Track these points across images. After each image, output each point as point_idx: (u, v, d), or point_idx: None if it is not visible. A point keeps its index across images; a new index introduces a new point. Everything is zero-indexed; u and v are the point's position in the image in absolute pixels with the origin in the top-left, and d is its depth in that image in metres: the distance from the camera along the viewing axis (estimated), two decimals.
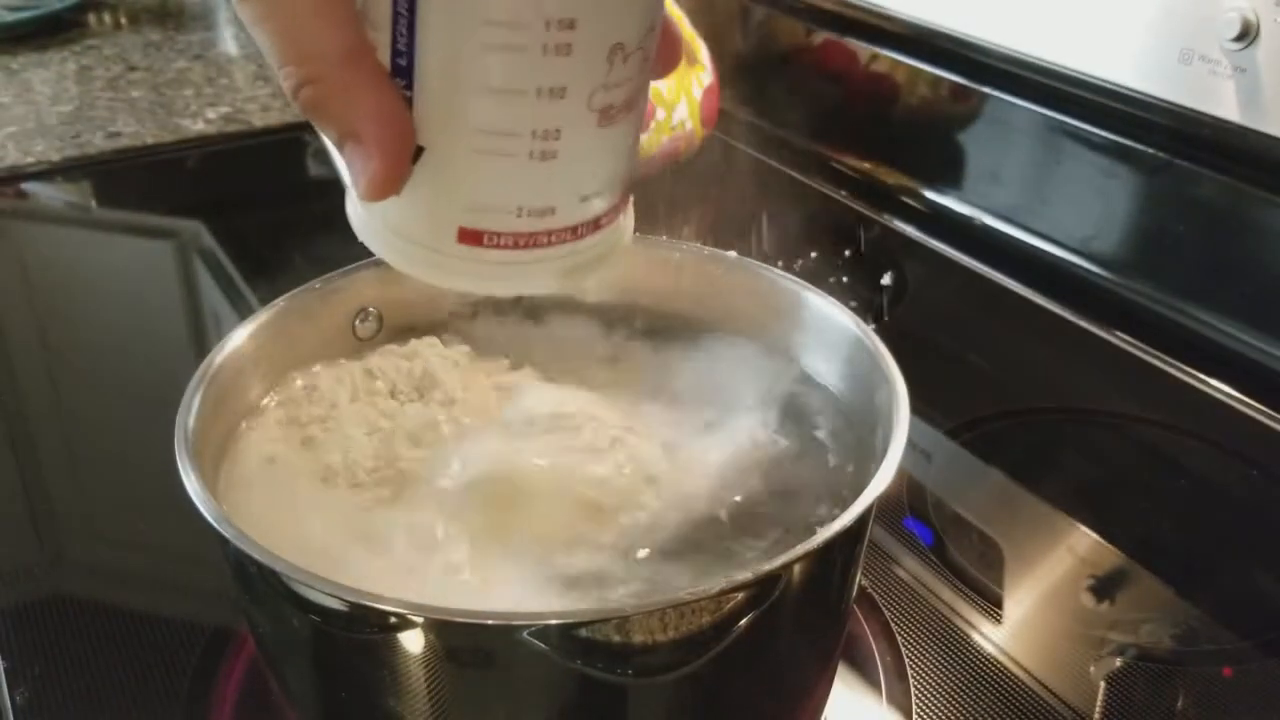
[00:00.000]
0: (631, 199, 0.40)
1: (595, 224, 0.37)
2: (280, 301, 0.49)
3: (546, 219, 0.36)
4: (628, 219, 0.40)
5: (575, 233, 0.37)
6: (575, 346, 0.53)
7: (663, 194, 0.90)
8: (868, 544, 0.43)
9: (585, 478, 0.44)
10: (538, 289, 0.39)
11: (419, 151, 0.35)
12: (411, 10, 0.32)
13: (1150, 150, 0.75)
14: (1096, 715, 0.49)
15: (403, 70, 0.34)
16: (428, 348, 0.51)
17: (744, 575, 0.35)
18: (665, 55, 0.37)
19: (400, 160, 0.34)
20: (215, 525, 0.36)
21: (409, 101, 0.34)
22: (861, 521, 0.39)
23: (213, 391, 0.43)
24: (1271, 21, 0.64)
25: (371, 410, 0.47)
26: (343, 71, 0.33)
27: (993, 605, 0.55)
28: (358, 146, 0.34)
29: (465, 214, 0.36)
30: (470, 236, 0.36)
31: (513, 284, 0.38)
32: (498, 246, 0.36)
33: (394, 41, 0.33)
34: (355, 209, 0.38)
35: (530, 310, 0.55)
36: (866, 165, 0.98)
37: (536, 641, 0.34)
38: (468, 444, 0.46)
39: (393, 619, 0.35)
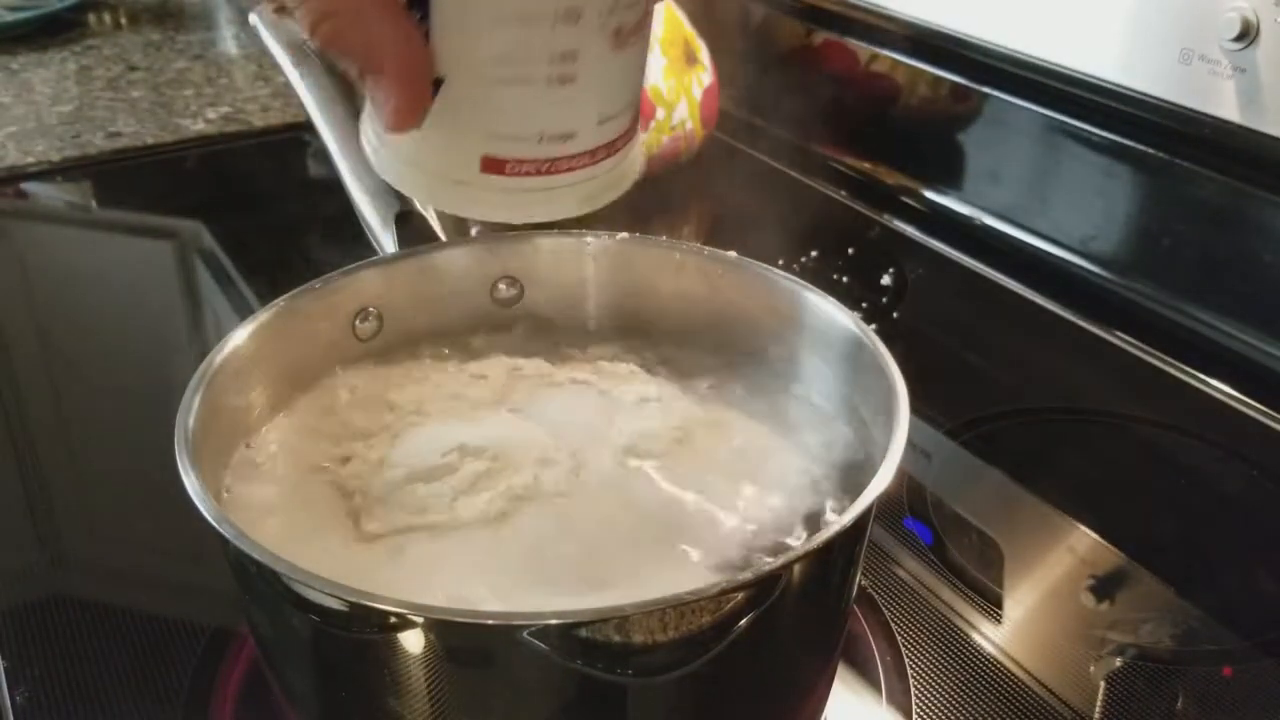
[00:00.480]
0: (640, 127, 0.40)
1: (611, 147, 0.38)
2: (280, 301, 0.49)
3: (567, 143, 0.37)
4: (638, 146, 0.41)
5: (594, 156, 0.37)
6: (574, 346, 0.54)
7: (663, 194, 0.90)
8: (868, 544, 0.43)
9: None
10: (559, 214, 0.39)
11: (438, 83, 0.35)
12: None
13: (1150, 150, 0.75)
14: (1096, 715, 0.49)
15: (418, 1, 0.34)
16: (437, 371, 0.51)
17: (744, 575, 0.35)
18: None
19: (420, 91, 0.35)
20: (215, 525, 0.36)
21: (426, 33, 0.34)
22: (861, 521, 0.39)
23: (213, 391, 0.43)
24: (1271, 21, 0.64)
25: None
26: (358, 3, 0.33)
27: (993, 605, 0.55)
28: (378, 78, 0.34)
29: (488, 143, 0.36)
30: (493, 165, 0.36)
31: (535, 210, 0.38)
32: (520, 174, 0.37)
33: None
34: (374, 146, 0.38)
35: (534, 318, 0.55)
36: (866, 165, 0.98)
37: (536, 641, 0.34)
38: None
39: (393, 619, 0.35)
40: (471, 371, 0.52)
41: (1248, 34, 0.65)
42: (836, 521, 0.37)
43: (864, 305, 0.79)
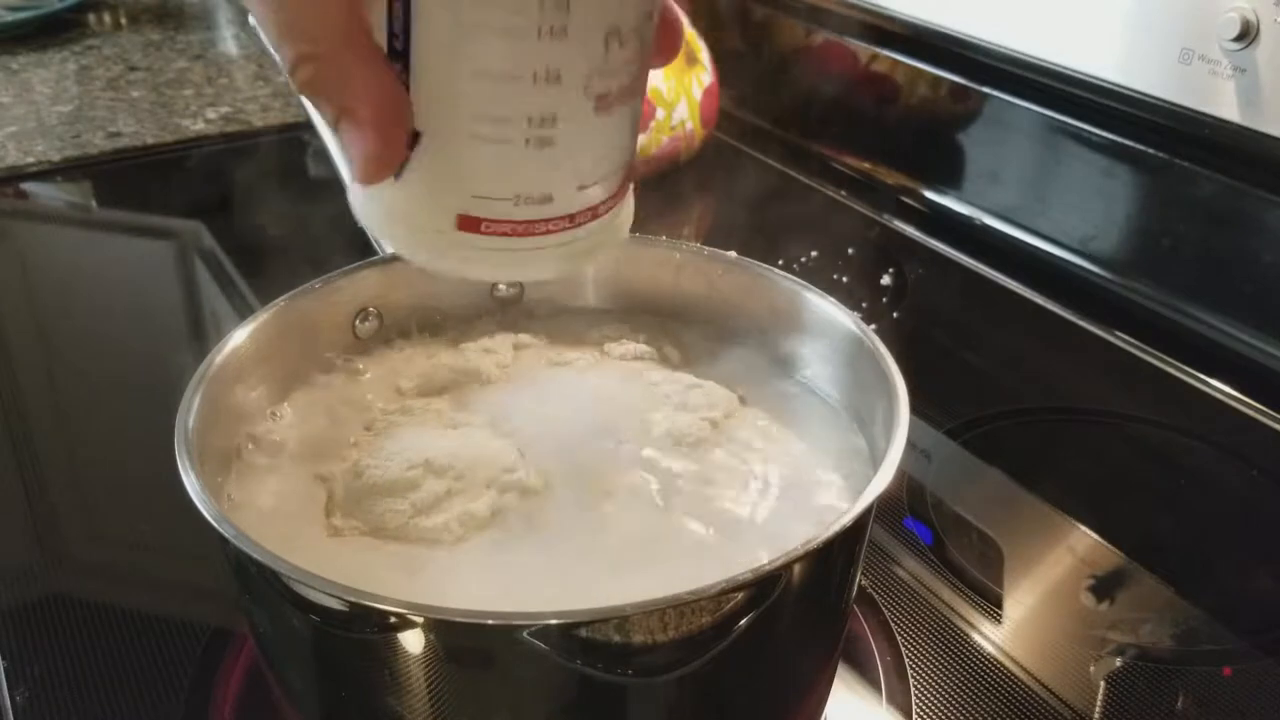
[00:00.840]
0: (631, 188, 0.40)
1: (593, 212, 0.37)
2: (280, 301, 0.49)
3: (545, 207, 0.36)
4: (627, 208, 0.40)
5: (573, 220, 0.37)
6: (574, 345, 0.54)
7: (663, 194, 0.90)
8: (868, 544, 0.43)
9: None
10: (535, 276, 0.39)
11: (417, 137, 0.35)
12: None
13: (1150, 150, 0.75)
14: (1096, 715, 0.49)
15: (399, 53, 0.34)
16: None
17: (744, 575, 0.35)
18: (665, 44, 0.37)
19: (395, 141, 0.34)
20: (215, 525, 0.36)
21: (406, 85, 0.34)
22: (861, 521, 0.39)
23: (213, 391, 0.43)
24: (1271, 21, 0.64)
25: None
26: (340, 50, 0.33)
27: (993, 605, 0.55)
28: (353, 125, 0.34)
29: (464, 201, 0.36)
30: (469, 224, 0.36)
31: (511, 270, 0.38)
32: (496, 234, 0.36)
33: (390, 24, 0.33)
34: (357, 194, 0.38)
35: (531, 312, 0.55)
36: (866, 165, 0.98)
37: (536, 641, 0.34)
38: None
39: (393, 619, 0.35)
40: (479, 346, 0.52)
41: (1248, 34, 0.65)
42: (836, 521, 0.37)
43: (864, 305, 0.79)
